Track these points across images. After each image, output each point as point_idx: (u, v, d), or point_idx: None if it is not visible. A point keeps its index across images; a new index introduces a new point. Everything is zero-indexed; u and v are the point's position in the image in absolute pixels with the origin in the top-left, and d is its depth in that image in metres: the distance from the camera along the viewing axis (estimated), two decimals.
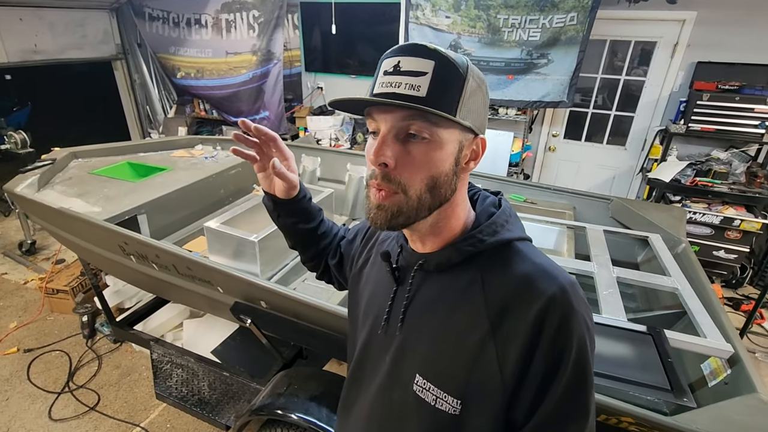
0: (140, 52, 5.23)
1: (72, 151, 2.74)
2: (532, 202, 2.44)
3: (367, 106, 0.62)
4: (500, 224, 0.66)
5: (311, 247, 0.99)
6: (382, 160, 0.60)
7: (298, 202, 0.90)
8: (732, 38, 3.25)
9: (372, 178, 0.62)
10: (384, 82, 0.60)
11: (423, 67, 0.58)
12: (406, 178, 0.60)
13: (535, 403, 0.59)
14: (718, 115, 3.24)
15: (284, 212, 0.91)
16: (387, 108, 0.59)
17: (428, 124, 0.58)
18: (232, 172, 2.83)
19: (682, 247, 1.95)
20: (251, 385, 1.92)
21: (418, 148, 0.60)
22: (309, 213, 0.94)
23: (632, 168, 3.99)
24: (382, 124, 0.60)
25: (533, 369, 0.59)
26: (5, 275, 3.50)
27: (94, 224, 1.86)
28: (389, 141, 0.60)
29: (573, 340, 0.58)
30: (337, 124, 4.52)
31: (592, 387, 0.61)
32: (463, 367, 0.62)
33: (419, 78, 0.57)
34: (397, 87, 0.58)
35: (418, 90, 0.57)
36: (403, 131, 0.59)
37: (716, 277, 3.47)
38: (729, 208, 3.25)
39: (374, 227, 0.65)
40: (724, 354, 1.29)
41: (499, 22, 3.54)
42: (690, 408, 1.09)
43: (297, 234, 0.96)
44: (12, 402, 2.36)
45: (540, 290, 0.59)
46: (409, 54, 0.59)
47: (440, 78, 0.57)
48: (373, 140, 0.63)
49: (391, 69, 0.59)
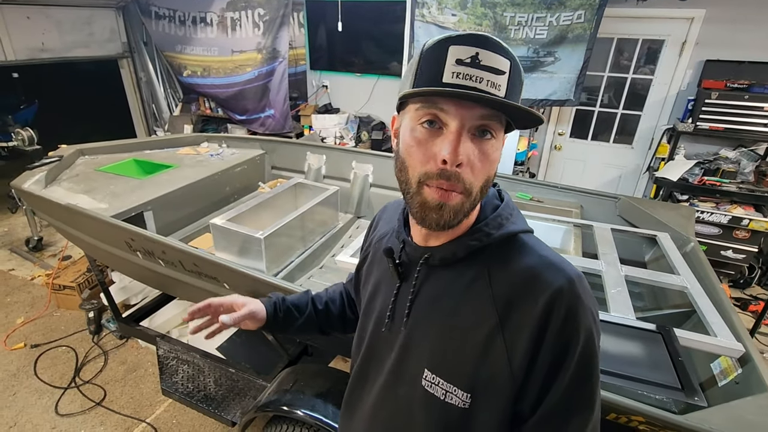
0: (146, 51, 5.24)
1: (79, 148, 2.75)
2: (538, 201, 2.43)
3: (434, 95, 0.56)
4: (505, 217, 0.66)
5: (331, 324, 1.04)
6: (461, 160, 0.56)
7: (275, 314, 0.97)
8: (741, 36, 3.22)
9: (437, 177, 0.57)
10: (460, 73, 0.55)
11: (503, 66, 0.56)
12: (471, 179, 0.58)
13: (541, 394, 0.60)
14: (726, 113, 3.21)
15: (279, 328, 0.99)
16: (465, 103, 0.55)
17: (499, 126, 0.58)
18: (237, 170, 2.83)
19: (691, 245, 1.93)
20: (257, 382, 1.92)
21: (486, 147, 0.58)
22: (297, 307, 1.00)
23: (639, 167, 3.96)
24: (456, 119, 0.56)
25: (540, 360, 0.58)
26: (12, 271, 3.52)
27: (101, 220, 1.87)
28: (465, 138, 0.56)
29: (580, 331, 0.58)
30: (341, 123, 4.51)
31: (598, 379, 0.61)
32: (472, 360, 0.62)
33: (500, 77, 0.55)
34: (479, 82, 0.54)
35: (499, 89, 0.55)
36: (473, 129, 0.57)
37: (724, 277, 3.44)
38: (737, 207, 3.22)
39: (431, 229, 0.62)
40: (735, 353, 1.27)
41: (506, 20, 3.52)
42: (701, 407, 1.07)
43: (309, 328, 1.02)
44: (19, 397, 2.37)
45: (547, 282, 0.59)
46: (488, 48, 0.55)
47: (513, 79, 0.57)
48: (427, 132, 0.58)
49: (468, 60, 0.55)
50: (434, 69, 0.56)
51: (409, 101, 0.61)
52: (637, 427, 1.08)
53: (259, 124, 4.74)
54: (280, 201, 2.47)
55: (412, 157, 0.60)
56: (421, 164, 0.59)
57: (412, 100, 0.60)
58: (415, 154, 0.59)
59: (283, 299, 0.99)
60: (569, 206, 2.36)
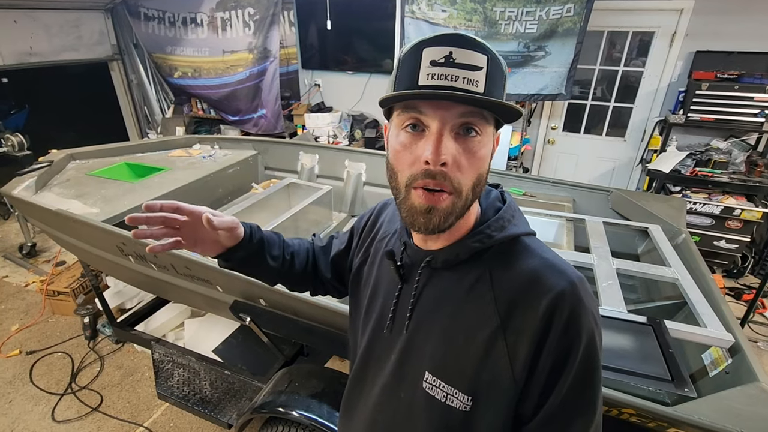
0: (136, 53, 5.21)
1: (69, 153, 2.74)
2: (531, 195, 2.43)
3: (411, 99, 0.56)
4: (507, 219, 0.66)
5: (292, 276, 0.92)
6: (444, 159, 0.55)
7: (251, 237, 0.82)
8: (730, 26, 3.23)
9: (423, 177, 0.57)
10: (435, 74, 0.55)
11: (478, 62, 0.55)
12: (459, 177, 0.57)
13: (543, 397, 0.59)
14: (717, 104, 3.22)
15: (247, 255, 0.82)
16: (443, 103, 0.55)
17: (482, 121, 0.57)
18: (230, 171, 2.82)
19: (682, 237, 1.94)
20: (253, 383, 1.92)
21: (471, 145, 0.57)
22: (271, 242, 0.86)
23: (632, 159, 3.98)
24: (436, 120, 0.56)
25: (542, 363, 0.58)
26: (6, 278, 3.50)
27: (92, 225, 1.86)
28: (447, 138, 0.56)
29: (582, 334, 0.58)
30: (335, 121, 4.51)
31: (600, 382, 0.61)
32: (473, 363, 0.62)
33: (476, 73, 0.55)
34: (455, 80, 0.54)
35: (477, 85, 0.55)
36: (456, 128, 0.56)
37: (717, 267, 3.47)
38: (729, 197, 3.24)
39: (422, 233, 0.62)
40: (725, 343, 1.28)
41: (496, 15, 3.52)
42: (691, 398, 1.08)
43: (272, 271, 0.88)
44: (15, 404, 2.36)
45: (549, 285, 0.59)
46: (462, 45, 0.55)
47: (492, 74, 0.56)
48: (410, 136, 0.58)
49: (442, 60, 0.55)
50: (411, 73, 0.57)
51: (393, 108, 0.61)
52: (627, 419, 1.08)
53: (251, 124, 4.72)
54: (273, 201, 2.47)
55: (399, 161, 0.60)
56: (408, 168, 0.59)
57: (396, 106, 0.60)
58: (401, 159, 0.59)
59: (258, 228, 0.86)
60: (561, 200, 2.37)
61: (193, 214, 0.74)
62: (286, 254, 0.89)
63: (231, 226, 0.77)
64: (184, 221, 0.74)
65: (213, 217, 0.73)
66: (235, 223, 0.78)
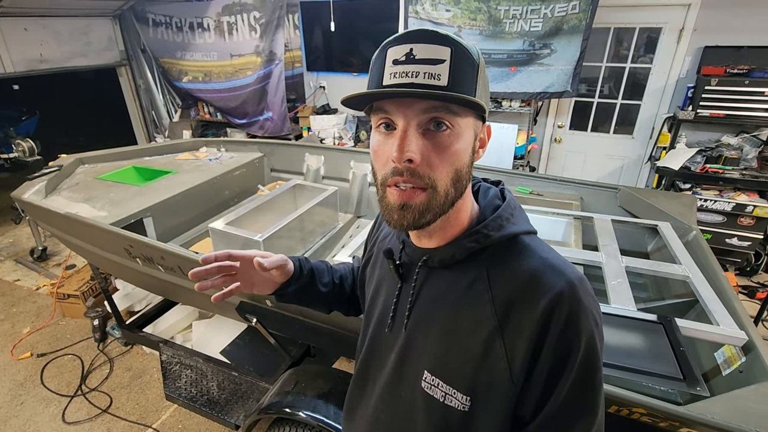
0: (144, 58, 5.27)
1: (78, 157, 2.77)
2: (538, 194, 2.41)
3: (376, 100, 0.57)
4: (506, 218, 0.65)
5: (340, 302, 0.98)
6: (409, 156, 0.55)
7: (301, 269, 0.88)
8: (739, 21, 3.18)
9: (392, 175, 0.57)
10: (396, 72, 0.55)
11: (440, 55, 0.54)
12: (432, 173, 0.56)
13: (542, 399, 0.59)
14: (727, 99, 3.17)
15: (300, 287, 0.88)
16: (405, 100, 0.55)
17: (451, 115, 0.56)
18: (236, 173, 2.84)
19: (692, 234, 1.91)
20: (260, 384, 1.93)
21: (441, 140, 0.56)
22: (320, 271, 0.92)
23: (641, 157, 3.93)
24: (400, 118, 0.56)
25: (540, 365, 0.57)
26: (18, 282, 3.55)
27: (100, 228, 1.88)
28: (412, 135, 0.56)
29: (581, 336, 0.57)
30: (340, 123, 4.52)
31: (600, 384, 0.60)
32: (471, 363, 0.61)
33: (438, 66, 0.54)
34: (415, 77, 0.54)
35: (439, 79, 0.54)
36: (423, 124, 0.56)
37: (730, 265, 3.41)
38: (741, 194, 3.18)
39: (399, 230, 0.62)
40: (738, 341, 1.25)
41: (500, 14, 3.50)
42: (703, 397, 1.06)
43: (324, 299, 0.94)
44: (26, 406, 2.39)
45: (547, 286, 0.58)
46: (422, 41, 0.55)
47: (458, 65, 0.55)
48: (383, 136, 0.59)
49: (403, 57, 0.55)
50: (377, 74, 0.58)
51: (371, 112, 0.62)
52: (638, 419, 1.06)
53: (258, 127, 4.75)
54: (279, 203, 2.48)
55: (376, 161, 0.61)
56: (382, 167, 0.59)
57: (372, 107, 0.60)
58: (377, 158, 0.60)
59: (306, 259, 0.91)
60: (569, 198, 2.35)
61: (244, 258, 0.81)
62: (335, 279, 0.95)
63: (281, 263, 0.84)
64: (239, 267, 0.81)
65: (262, 260, 0.79)
66: (284, 260, 0.84)
